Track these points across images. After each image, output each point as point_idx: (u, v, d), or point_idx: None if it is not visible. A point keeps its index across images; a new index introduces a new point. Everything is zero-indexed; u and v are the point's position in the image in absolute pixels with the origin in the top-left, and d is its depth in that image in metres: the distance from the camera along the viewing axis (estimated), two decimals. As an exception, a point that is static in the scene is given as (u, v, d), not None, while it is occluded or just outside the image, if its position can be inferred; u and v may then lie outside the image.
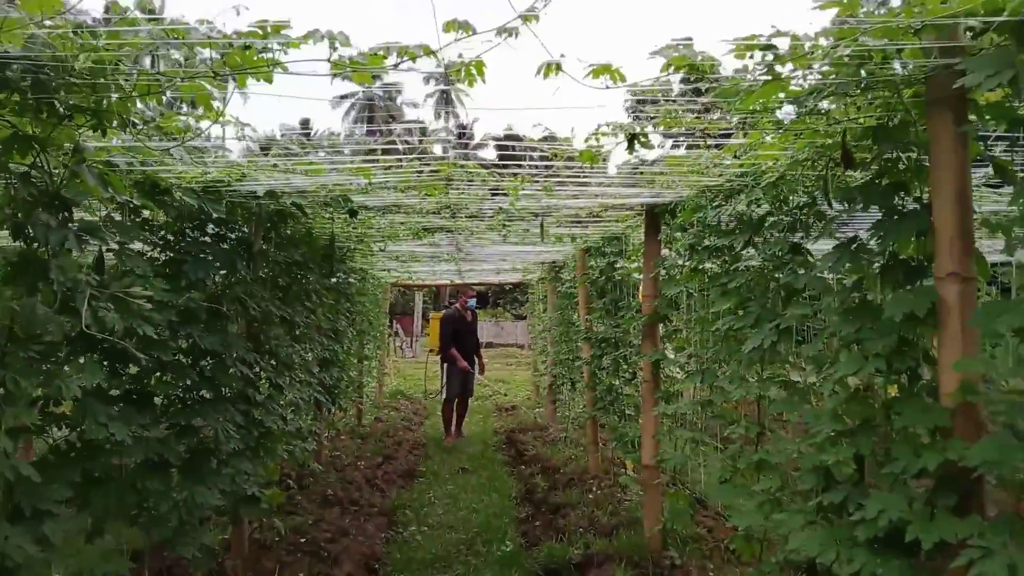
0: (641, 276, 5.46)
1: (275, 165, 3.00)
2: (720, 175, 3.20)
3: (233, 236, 3.87)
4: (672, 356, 4.31)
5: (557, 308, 9.03)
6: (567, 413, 9.02)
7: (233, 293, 3.62)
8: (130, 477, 2.96)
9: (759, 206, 3.05)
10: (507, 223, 5.14)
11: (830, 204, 2.63)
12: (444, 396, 9.63)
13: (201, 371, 3.47)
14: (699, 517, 5.03)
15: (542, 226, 4.75)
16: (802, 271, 2.84)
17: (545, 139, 3.49)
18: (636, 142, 2.44)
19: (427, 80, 54.79)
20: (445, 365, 9.48)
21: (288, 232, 5.00)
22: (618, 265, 5.70)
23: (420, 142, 4.02)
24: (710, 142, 3.04)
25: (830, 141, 2.56)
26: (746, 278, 3.07)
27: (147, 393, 3.07)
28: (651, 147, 2.51)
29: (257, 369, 4.29)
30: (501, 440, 9.38)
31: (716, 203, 3.52)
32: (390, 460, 7.92)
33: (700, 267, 3.76)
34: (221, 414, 3.58)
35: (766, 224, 3.08)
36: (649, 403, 4.63)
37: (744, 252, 3.41)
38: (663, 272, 4.53)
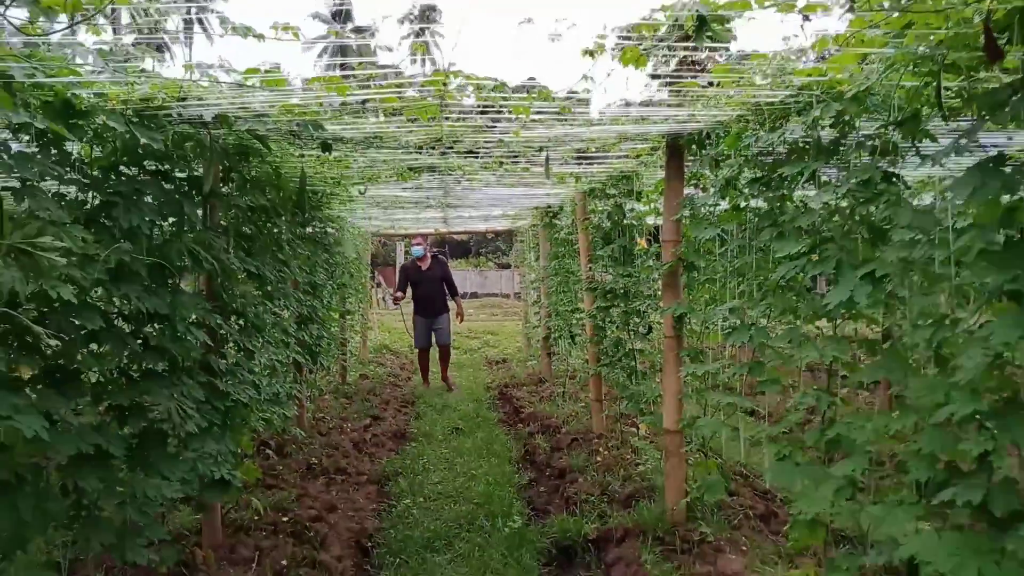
0: (655, 219, 4.86)
1: (218, 80, 2.32)
2: (783, 85, 2.57)
3: (182, 175, 3.20)
4: (701, 310, 3.75)
5: (552, 256, 8.43)
6: (565, 367, 8.53)
7: (182, 244, 2.97)
8: (57, 476, 2.37)
9: (839, 123, 2.44)
10: (505, 160, 4.49)
11: (944, 116, 2.03)
12: (415, 344, 9.63)
13: (145, 339, 2.85)
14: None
15: (547, 162, 4.10)
16: (892, 205, 2.26)
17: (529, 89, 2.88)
18: (705, 32, 1.80)
19: (402, 21, 52.81)
20: (414, 316, 9.49)
21: (253, 174, 4.32)
22: (629, 207, 5.09)
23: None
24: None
25: (946, 32, 1.94)
26: (820, 216, 2.48)
27: (72, 372, 2.45)
28: (726, 37, 1.88)
29: (223, 332, 3.68)
30: (494, 396, 8.90)
31: (768, 126, 2.90)
32: (378, 421, 7.41)
33: (742, 205, 3.17)
34: (175, 389, 2.98)
35: (843, 148, 2.47)
36: (672, 362, 4.09)
37: (801, 186, 2.82)
38: (687, 214, 3.93)
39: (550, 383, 8.93)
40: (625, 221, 5.27)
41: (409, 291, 9.70)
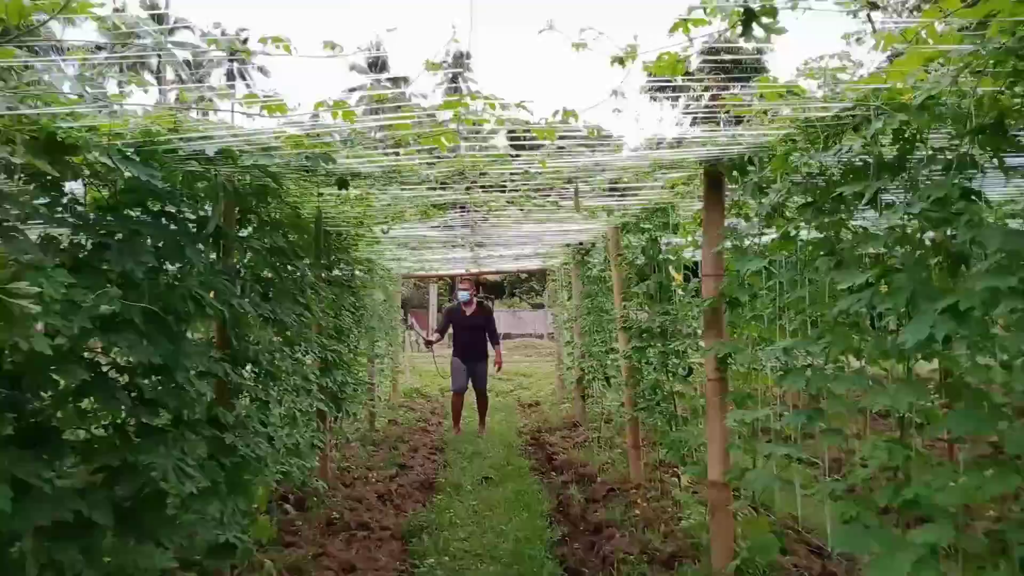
0: (694, 253, 4.56)
1: (209, 100, 2.13)
2: (836, 98, 2.29)
3: (190, 217, 3.02)
4: (748, 350, 3.42)
5: (585, 295, 8.15)
6: (599, 410, 8.15)
7: (185, 289, 2.77)
8: (34, 547, 2.13)
9: (901, 138, 2.15)
10: (532, 194, 4.26)
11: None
12: (452, 387, 9.40)
13: (140, 393, 2.63)
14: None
15: (576, 194, 3.86)
16: (974, 226, 1.94)
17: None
18: (754, 23, 1.55)
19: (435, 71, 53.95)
20: (453, 359, 9.32)
21: (273, 215, 4.16)
22: (664, 241, 4.80)
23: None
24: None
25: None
26: (886, 241, 2.17)
27: (51, 430, 2.23)
28: (778, 30, 1.62)
29: (233, 382, 3.47)
30: (526, 442, 8.53)
31: (819, 145, 2.62)
32: (405, 470, 7.10)
33: (792, 233, 2.86)
34: (175, 446, 2.75)
35: (909, 165, 2.17)
36: (716, 407, 3.74)
37: (860, 210, 2.51)
38: (729, 245, 3.63)
39: (584, 427, 8.55)
40: (661, 256, 4.97)
41: (449, 332, 9.56)
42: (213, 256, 3.51)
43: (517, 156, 3.01)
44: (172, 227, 2.83)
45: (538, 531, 5.06)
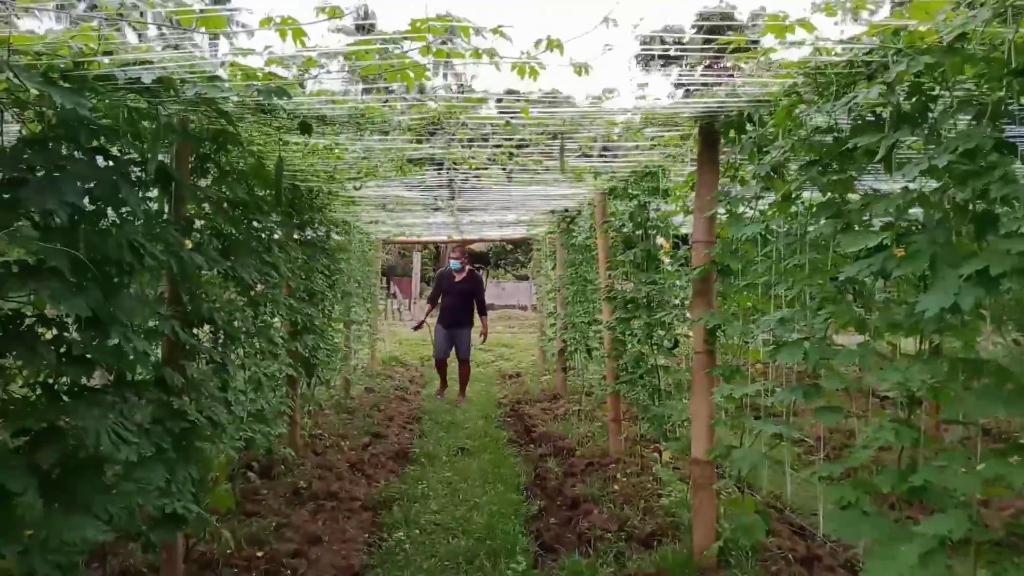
0: (683, 220, 4.32)
1: (138, 9, 1.83)
2: (852, 40, 2.03)
3: (133, 156, 2.72)
4: (739, 322, 3.20)
5: (569, 264, 7.91)
6: (580, 383, 7.98)
7: (123, 236, 2.48)
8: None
9: (920, 86, 1.90)
10: (514, 151, 3.99)
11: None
12: (433, 354, 9.40)
13: (69, 349, 2.36)
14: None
15: (561, 152, 3.59)
16: (1008, 182, 1.71)
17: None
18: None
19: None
20: (436, 325, 9.24)
21: (234, 165, 3.86)
22: (653, 207, 4.55)
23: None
24: None
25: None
26: (899, 202, 1.93)
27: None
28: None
29: (184, 340, 3.20)
30: (505, 412, 8.36)
31: (831, 95, 2.37)
32: (379, 439, 6.90)
33: (794, 195, 2.63)
34: (111, 409, 2.49)
35: (931, 115, 1.93)
36: (702, 381, 3.54)
37: (870, 168, 2.27)
38: (722, 211, 3.40)
39: (565, 400, 8.38)
40: (649, 223, 4.73)
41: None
42: (166, 206, 3.23)
43: (499, 101, 2.73)
44: (108, 166, 2.54)
45: (513, 504, 4.89)
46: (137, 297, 2.81)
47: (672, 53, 2.97)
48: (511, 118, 3.21)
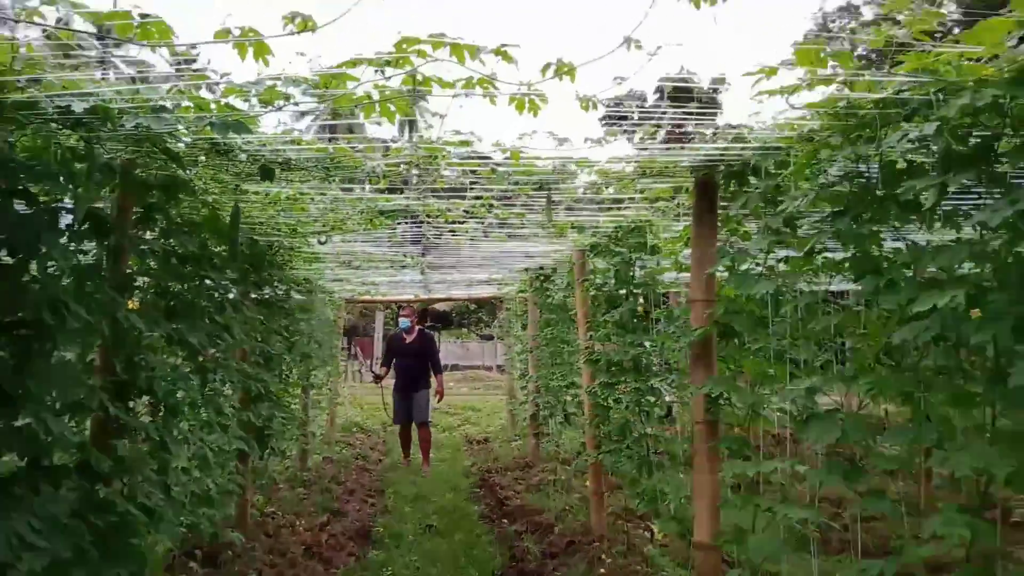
0: (677, 276, 4.06)
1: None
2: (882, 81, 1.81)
3: (58, 199, 2.33)
4: (748, 389, 2.90)
5: (543, 324, 7.59)
6: (555, 449, 7.55)
7: (43, 294, 2.08)
8: None
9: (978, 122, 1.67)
10: (495, 203, 3.70)
11: None
12: (393, 420, 8.97)
13: (-40, 433, 1.91)
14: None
15: (548, 203, 3.32)
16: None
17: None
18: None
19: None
20: (392, 392, 8.90)
21: (186, 216, 3.49)
22: (639, 264, 4.29)
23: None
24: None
25: None
26: (971, 251, 1.67)
27: None
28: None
29: (115, 415, 2.74)
30: (475, 483, 7.84)
31: (858, 138, 2.14)
32: (339, 516, 6.31)
33: (817, 250, 2.37)
34: (13, 503, 2.03)
35: (995, 151, 1.70)
36: (705, 455, 3.20)
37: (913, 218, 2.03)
38: (721, 268, 3.14)
39: (539, 468, 7.91)
40: (635, 281, 4.46)
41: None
42: (104, 261, 2.83)
43: (479, 140, 2.44)
44: (30, 212, 2.14)
45: (490, 594, 4.40)
46: (59, 366, 2.38)
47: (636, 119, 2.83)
48: (496, 165, 2.93)
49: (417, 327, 8.98)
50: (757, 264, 2.93)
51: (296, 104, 1.96)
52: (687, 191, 3.67)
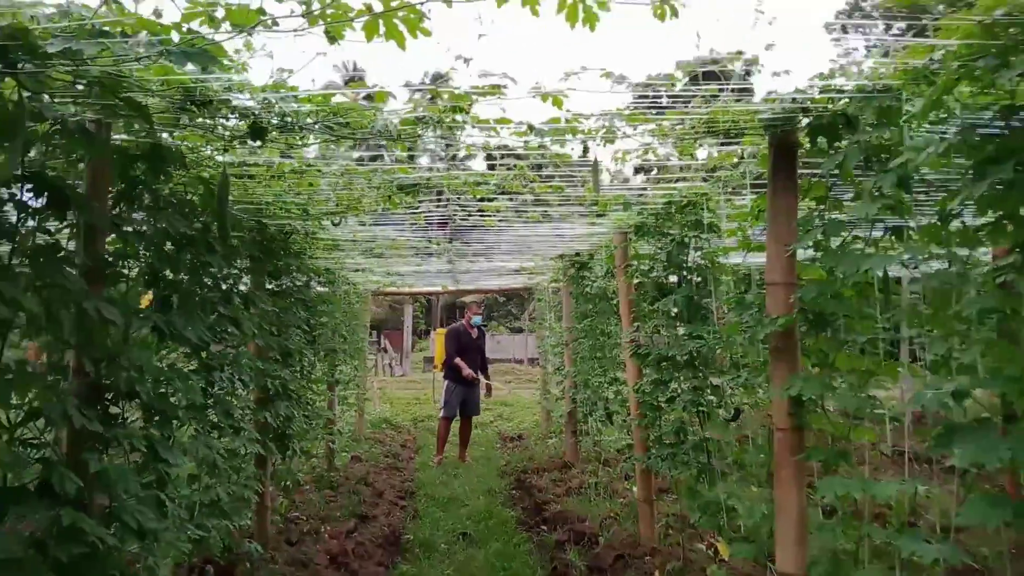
0: (745, 256, 3.52)
1: None
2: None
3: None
4: (847, 390, 2.37)
5: (579, 315, 7.08)
6: (595, 449, 7.05)
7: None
8: None
9: None
10: (533, 175, 3.21)
11: None
12: (442, 413, 8.74)
13: None
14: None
15: (595, 169, 2.81)
16: None
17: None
18: None
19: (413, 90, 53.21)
20: (446, 382, 8.75)
21: (179, 193, 3.06)
22: (697, 244, 3.75)
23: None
24: None
25: None
26: None
27: None
28: None
29: (82, 424, 2.32)
30: (510, 484, 7.37)
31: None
32: (367, 522, 5.90)
33: (952, 215, 1.83)
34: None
35: None
36: (789, 468, 2.68)
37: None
38: (809, 243, 2.60)
39: (578, 469, 7.41)
40: (688, 263, 3.93)
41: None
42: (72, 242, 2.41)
43: (515, 83, 1.95)
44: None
45: (530, 617, 3.93)
46: (9, 368, 1.96)
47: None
48: (535, 125, 2.43)
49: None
50: (856, 238, 2.39)
51: (276, 24, 1.49)
52: (754, 157, 3.14)
